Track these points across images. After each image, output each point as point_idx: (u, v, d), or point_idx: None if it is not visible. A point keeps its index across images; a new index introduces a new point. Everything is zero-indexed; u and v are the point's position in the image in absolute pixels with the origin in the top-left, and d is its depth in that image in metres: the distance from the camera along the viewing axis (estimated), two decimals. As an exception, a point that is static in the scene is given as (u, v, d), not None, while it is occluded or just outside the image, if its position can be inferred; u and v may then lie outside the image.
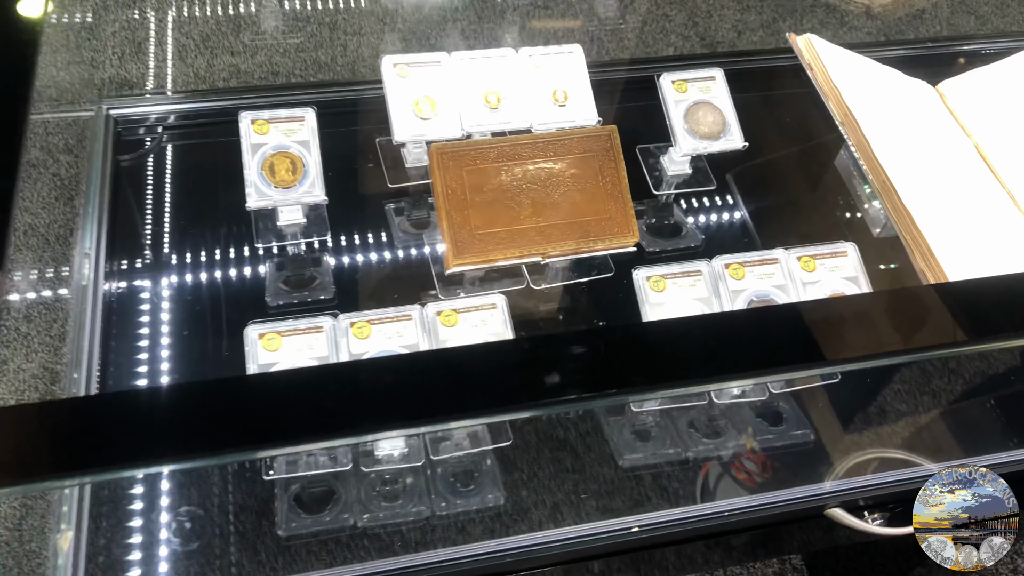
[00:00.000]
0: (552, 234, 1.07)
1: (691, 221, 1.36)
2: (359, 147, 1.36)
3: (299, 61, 2.84)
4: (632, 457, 1.16)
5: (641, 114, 1.45)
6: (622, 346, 0.69)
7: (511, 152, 1.09)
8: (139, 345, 1.09)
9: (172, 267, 1.18)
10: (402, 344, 0.96)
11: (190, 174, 1.27)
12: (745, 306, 1.03)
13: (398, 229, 1.30)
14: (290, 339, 0.94)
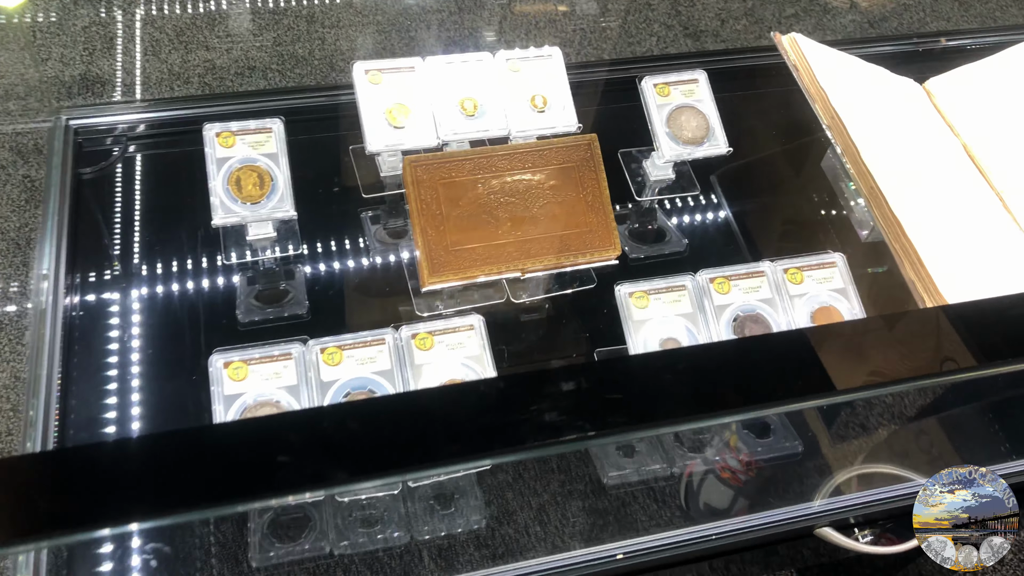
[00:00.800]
0: (531, 249, 1.04)
1: (675, 226, 1.32)
2: (332, 155, 1.32)
3: (276, 55, 2.78)
4: (617, 474, 1.13)
5: (623, 116, 1.41)
6: (601, 385, 0.66)
7: (488, 164, 1.05)
8: (102, 374, 1.04)
9: (137, 285, 1.14)
10: (375, 370, 0.92)
11: (156, 186, 1.23)
12: (731, 322, 1.00)
13: (374, 239, 1.26)
14: (257, 367, 0.90)
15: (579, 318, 1.19)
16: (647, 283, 1.01)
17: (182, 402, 1.02)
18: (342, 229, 1.26)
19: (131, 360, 1.06)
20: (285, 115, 1.28)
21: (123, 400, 1.01)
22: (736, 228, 1.32)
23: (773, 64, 1.42)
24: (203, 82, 2.69)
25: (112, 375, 1.05)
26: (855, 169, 1.13)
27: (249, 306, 1.17)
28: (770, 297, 1.02)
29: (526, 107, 1.19)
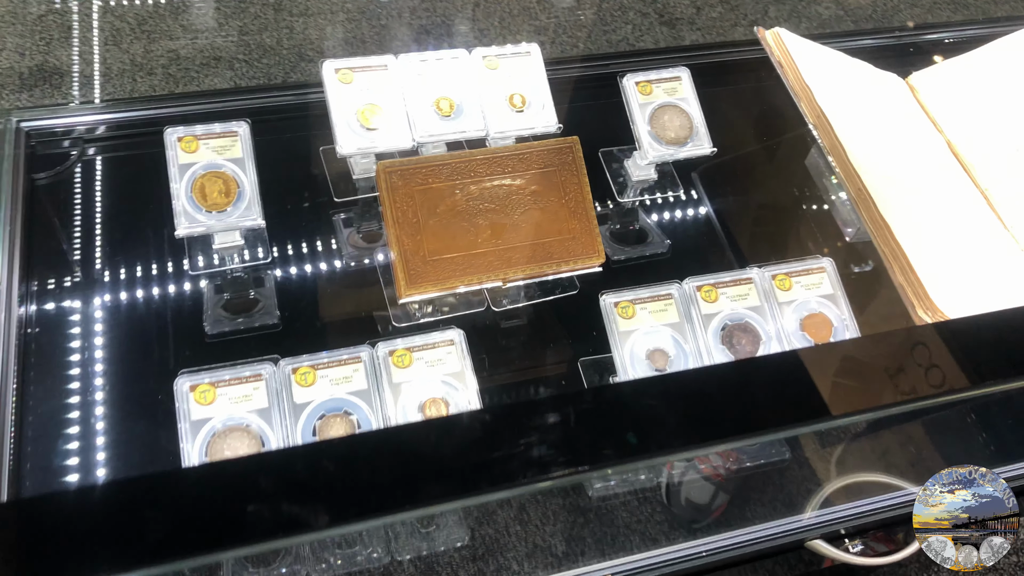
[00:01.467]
0: (512, 257, 0.99)
1: (657, 227, 1.29)
2: (301, 157, 1.27)
3: (242, 45, 2.71)
4: (602, 486, 1.10)
5: (602, 113, 1.37)
6: (589, 416, 0.62)
7: (466, 169, 1.00)
8: (60, 393, 0.99)
9: (97, 296, 1.08)
10: (351, 391, 0.87)
11: (116, 191, 1.17)
12: (719, 332, 0.97)
13: (347, 244, 1.21)
14: (226, 390, 0.86)
15: (561, 325, 1.15)
16: (632, 292, 0.97)
17: (147, 426, 0.97)
18: (313, 234, 1.21)
19: (91, 378, 1.00)
20: (251, 115, 1.22)
21: (84, 424, 0.96)
22: (720, 229, 1.28)
23: (756, 58, 1.39)
24: (167, 73, 2.61)
25: (71, 395, 0.99)
26: (842, 170, 1.10)
27: (217, 317, 1.12)
28: (758, 305, 0.99)
29: (504, 107, 1.15)
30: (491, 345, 1.12)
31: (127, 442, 0.95)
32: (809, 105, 1.15)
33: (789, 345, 0.98)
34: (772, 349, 0.97)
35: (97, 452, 0.93)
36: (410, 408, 0.88)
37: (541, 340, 1.14)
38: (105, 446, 0.94)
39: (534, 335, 1.14)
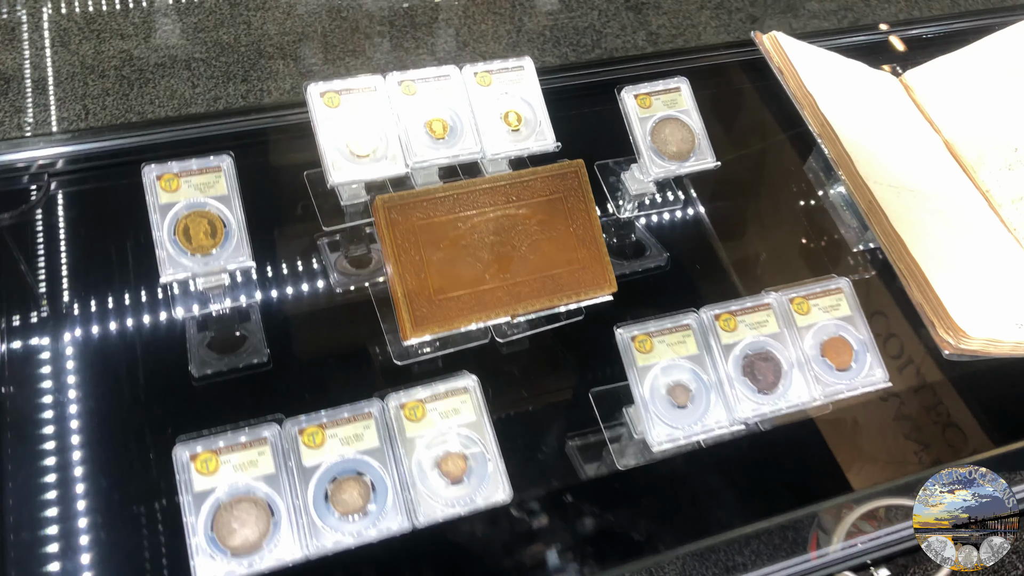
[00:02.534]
0: (521, 292, 0.95)
1: (656, 240, 1.25)
2: (284, 183, 1.20)
3: (199, 43, 2.59)
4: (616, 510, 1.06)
5: (594, 124, 1.32)
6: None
7: (468, 200, 0.95)
8: (40, 456, 0.92)
9: (72, 344, 1.01)
10: (362, 449, 0.82)
11: (88, 230, 1.09)
12: (741, 362, 0.93)
13: (335, 270, 1.15)
14: (229, 457, 0.80)
15: (569, 353, 1.11)
16: (648, 325, 0.93)
17: (140, 495, 0.90)
18: (300, 264, 1.15)
19: (72, 441, 0.94)
20: (227, 140, 1.16)
21: (68, 498, 0.89)
22: (723, 242, 1.25)
23: (750, 60, 1.35)
24: (120, 75, 2.50)
25: (52, 462, 0.92)
26: (851, 181, 1.07)
27: (202, 358, 1.06)
28: (778, 331, 0.95)
29: (499, 126, 1.09)
30: (497, 378, 1.07)
31: (120, 517, 0.89)
32: (813, 114, 1.11)
33: (811, 372, 0.95)
34: (794, 378, 0.94)
35: (81, 535, 0.87)
36: (426, 465, 0.83)
37: (549, 371, 1.09)
38: (96, 523, 0.88)
39: (541, 365, 1.10)
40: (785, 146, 1.33)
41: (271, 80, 2.57)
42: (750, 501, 0.99)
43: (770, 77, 1.30)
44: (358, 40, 2.62)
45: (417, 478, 0.82)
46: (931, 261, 1.00)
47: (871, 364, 0.96)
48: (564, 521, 0.96)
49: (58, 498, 0.89)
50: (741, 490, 1.00)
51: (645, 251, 1.24)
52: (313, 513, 0.79)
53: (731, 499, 0.99)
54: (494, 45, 2.77)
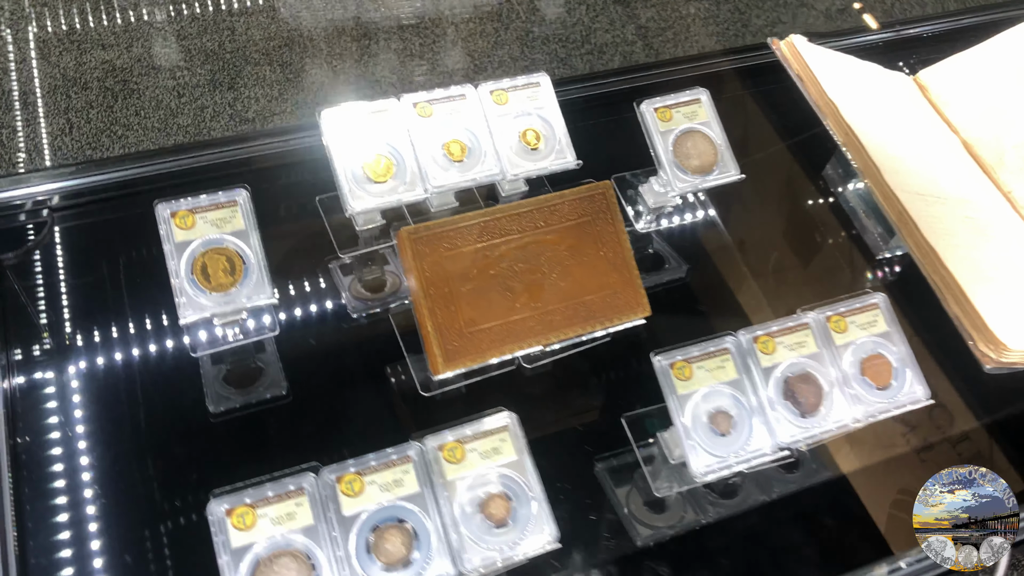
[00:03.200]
0: (553, 321, 0.92)
1: (674, 251, 1.22)
2: (295, 208, 1.16)
3: (182, 51, 2.53)
4: (649, 534, 1.04)
5: (608, 135, 1.29)
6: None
7: (495, 228, 0.92)
8: (57, 512, 0.89)
9: (84, 389, 0.97)
10: (403, 496, 0.79)
11: (96, 266, 1.05)
12: (781, 386, 0.91)
13: (350, 296, 1.12)
14: (266, 510, 0.77)
15: (595, 374, 1.08)
16: (686, 350, 0.91)
17: (170, 551, 0.87)
18: (316, 291, 1.11)
19: (89, 494, 0.90)
20: (234, 167, 1.12)
21: (83, 559, 0.86)
22: (743, 254, 1.23)
23: (765, 64, 1.32)
24: (104, 87, 2.44)
25: (70, 516, 0.89)
26: (879, 192, 1.05)
27: (218, 394, 1.03)
28: (817, 352, 0.93)
29: (518, 145, 1.06)
30: (525, 404, 1.05)
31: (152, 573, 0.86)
32: (836, 122, 1.09)
33: (852, 393, 0.93)
34: (835, 399, 0.92)
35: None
36: (469, 508, 0.81)
37: (577, 395, 1.07)
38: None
39: (569, 390, 1.07)
40: (802, 151, 1.31)
41: (258, 87, 2.52)
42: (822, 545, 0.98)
43: (783, 80, 1.28)
44: (344, 43, 2.57)
45: (460, 522, 0.80)
46: (966, 272, 0.99)
47: (911, 381, 0.94)
48: (606, 554, 0.94)
49: (75, 557, 0.86)
50: (805, 528, 0.98)
51: (664, 264, 1.22)
52: (356, 565, 0.77)
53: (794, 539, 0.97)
54: (481, 42, 2.73)
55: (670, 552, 0.99)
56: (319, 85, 2.52)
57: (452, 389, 1.01)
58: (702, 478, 0.87)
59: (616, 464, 1.02)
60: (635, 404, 1.03)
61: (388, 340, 1.07)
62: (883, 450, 1.03)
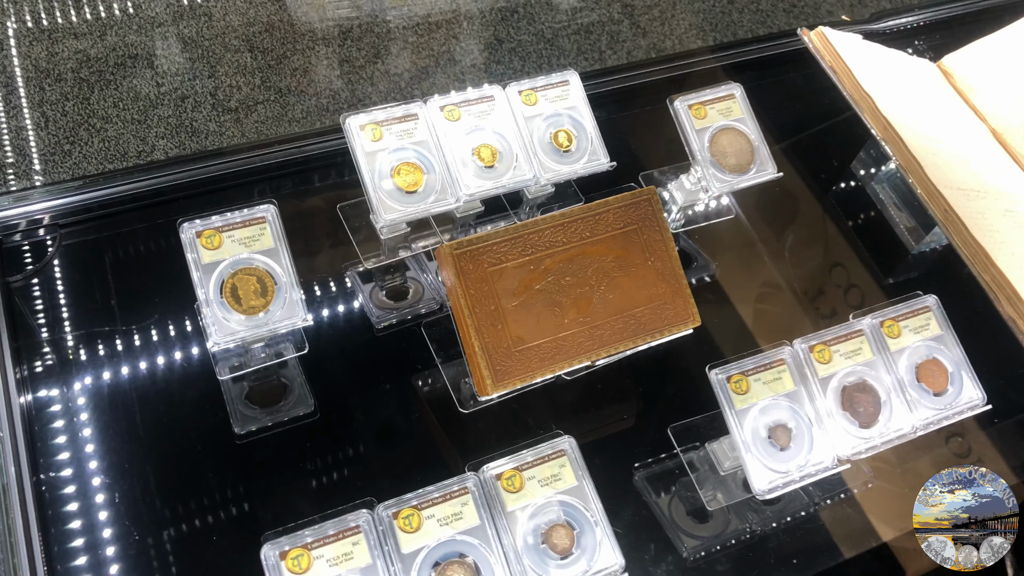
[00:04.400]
0: (603, 335, 0.88)
1: (701, 249, 1.19)
2: (312, 214, 1.11)
3: (159, 39, 2.44)
4: (695, 544, 1.01)
5: (631, 129, 1.25)
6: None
7: (539, 240, 0.88)
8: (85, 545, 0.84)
9: (102, 418, 0.92)
10: (464, 529, 0.76)
11: (108, 284, 1.00)
12: (839, 396, 0.88)
13: (372, 304, 1.07)
14: (322, 551, 0.73)
15: (637, 384, 1.05)
16: (743, 363, 0.88)
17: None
18: (336, 300, 1.07)
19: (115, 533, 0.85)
20: (248, 175, 1.07)
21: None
22: (766, 253, 1.19)
23: (792, 51, 1.28)
24: (79, 78, 2.35)
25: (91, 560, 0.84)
26: (923, 189, 1.02)
27: (244, 415, 0.98)
28: (872, 359, 0.91)
29: (550, 147, 1.02)
30: (565, 413, 1.02)
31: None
32: (873, 116, 1.06)
33: (909, 400, 0.90)
34: (894, 407, 0.90)
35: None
36: (531, 539, 0.77)
37: (619, 404, 1.03)
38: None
39: (610, 399, 1.04)
40: (830, 142, 1.28)
41: (240, 75, 2.44)
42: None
43: (807, 68, 1.24)
44: (327, 27, 2.49)
45: (524, 555, 0.76)
46: (1016, 270, 0.97)
47: (967, 385, 0.92)
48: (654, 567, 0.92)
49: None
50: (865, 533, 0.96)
51: (693, 262, 1.19)
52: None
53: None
54: (467, 25, 2.66)
55: (716, 561, 0.96)
56: (302, 71, 2.44)
57: (491, 403, 0.98)
58: (764, 495, 0.84)
59: (659, 474, 0.99)
60: (677, 412, 1.01)
61: (416, 351, 1.03)
62: (931, 456, 1.01)
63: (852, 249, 1.20)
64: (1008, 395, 1.04)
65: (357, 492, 0.92)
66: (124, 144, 2.27)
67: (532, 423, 0.99)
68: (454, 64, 2.47)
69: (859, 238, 1.22)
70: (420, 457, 0.96)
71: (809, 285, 1.17)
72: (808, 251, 1.20)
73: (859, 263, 1.18)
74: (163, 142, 2.29)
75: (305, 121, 2.38)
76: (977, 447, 1.03)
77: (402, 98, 2.15)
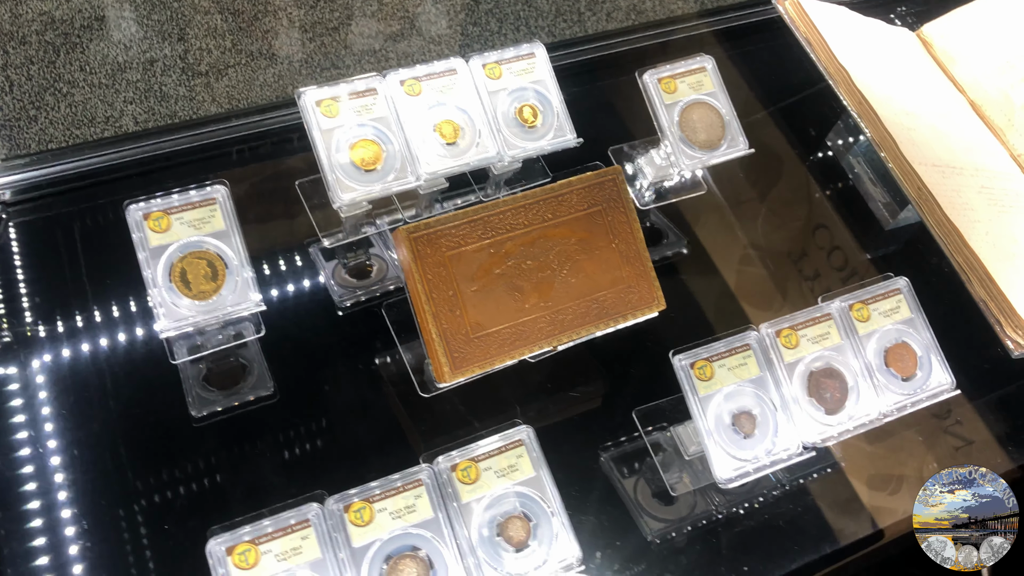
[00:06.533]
0: (564, 320, 0.86)
1: (674, 225, 1.17)
2: (271, 194, 1.08)
3: (128, 0, 2.37)
4: (660, 527, 1.00)
5: (599, 102, 1.22)
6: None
7: (500, 223, 0.85)
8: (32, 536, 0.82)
9: (56, 409, 0.90)
10: (417, 522, 0.74)
11: (55, 266, 0.96)
12: (806, 381, 0.87)
13: (335, 282, 1.05)
14: (270, 545, 0.71)
15: (605, 366, 1.03)
16: (708, 348, 0.86)
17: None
18: (297, 279, 1.04)
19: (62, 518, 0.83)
20: (202, 151, 1.03)
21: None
22: (739, 225, 1.17)
23: (768, 20, 1.25)
24: (43, 41, 2.29)
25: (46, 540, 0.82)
26: (896, 166, 1.00)
27: (201, 397, 0.96)
28: (840, 343, 0.89)
29: (515, 123, 0.99)
30: (528, 396, 1.00)
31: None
32: (848, 91, 1.03)
33: (876, 385, 0.89)
34: (861, 392, 0.88)
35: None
36: (487, 532, 0.76)
37: (586, 386, 1.02)
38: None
39: (577, 381, 1.02)
40: (805, 114, 1.25)
41: (210, 38, 2.38)
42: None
43: (782, 37, 1.21)
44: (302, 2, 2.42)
45: (478, 547, 0.75)
46: (988, 251, 0.95)
47: (936, 370, 0.90)
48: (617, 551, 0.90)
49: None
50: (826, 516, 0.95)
51: (663, 239, 1.17)
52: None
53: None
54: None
55: (681, 544, 0.95)
56: (274, 34, 2.37)
57: (452, 387, 0.95)
58: (727, 484, 0.83)
59: (624, 458, 0.98)
60: (643, 394, 0.99)
61: (379, 332, 1.00)
62: (899, 440, 1.00)
63: (826, 226, 1.17)
64: (978, 378, 1.02)
65: (313, 478, 0.90)
66: (92, 109, 2.21)
67: (495, 407, 0.97)
68: (430, 25, 2.42)
69: (834, 214, 1.20)
70: (380, 442, 0.94)
71: (781, 263, 1.15)
72: (781, 228, 1.18)
73: (833, 241, 1.16)
74: (132, 107, 2.24)
75: (277, 86, 2.32)
76: (946, 429, 1.02)
77: (376, 62, 2.09)
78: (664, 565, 0.93)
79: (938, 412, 1.01)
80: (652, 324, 0.98)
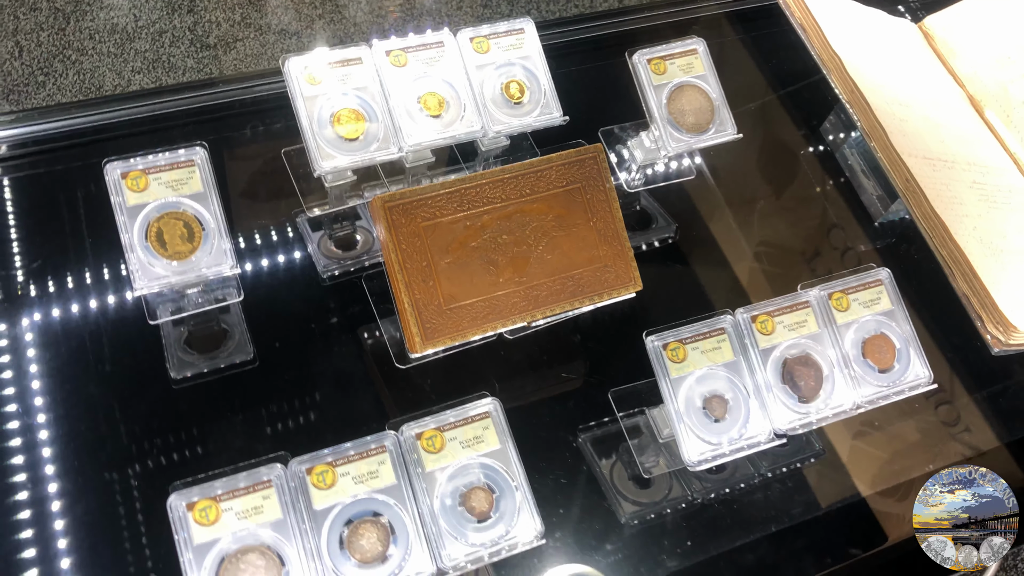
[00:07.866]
0: (539, 296, 0.86)
1: (663, 209, 1.16)
2: (258, 161, 1.08)
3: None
4: (634, 509, 1.00)
5: (589, 84, 1.21)
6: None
7: (478, 195, 0.85)
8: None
9: (35, 367, 0.90)
10: (379, 488, 0.74)
11: (37, 224, 0.97)
12: (780, 368, 0.86)
13: (320, 252, 1.05)
14: (231, 503, 0.71)
15: (580, 344, 1.03)
16: (682, 331, 0.86)
17: (133, 549, 0.81)
18: (282, 248, 1.04)
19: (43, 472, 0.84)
20: (188, 115, 1.03)
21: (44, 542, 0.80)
22: (732, 214, 1.16)
23: (764, 6, 1.24)
24: (53, 8, 2.31)
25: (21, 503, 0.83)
26: (885, 156, 0.99)
27: (181, 360, 0.96)
28: (817, 332, 0.88)
29: (501, 98, 0.98)
30: (506, 373, 1.00)
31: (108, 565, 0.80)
32: (840, 78, 1.02)
33: (852, 376, 0.88)
34: (836, 381, 0.88)
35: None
36: (449, 501, 0.76)
37: (564, 365, 1.01)
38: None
39: (555, 359, 1.02)
40: (799, 103, 1.24)
41: (219, 10, 2.38)
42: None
43: (778, 24, 1.20)
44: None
45: (440, 516, 0.75)
46: (975, 246, 0.94)
47: (914, 363, 0.89)
48: (592, 541, 0.90)
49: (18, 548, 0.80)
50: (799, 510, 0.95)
51: (652, 223, 1.16)
52: (328, 561, 0.72)
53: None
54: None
55: (655, 528, 0.95)
56: (283, 9, 2.38)
57: (429, 359, 0.96)
58: (695, 467, 0.82)
59: (600, 439, 0.98)
60: (620, 375, 0.99)
61: (360, 303, 1.00)
62: (877, 430, 0.99)
63: (818, 218, 1.17)
64: (959, 374, 1.02)
65: (284, 443, 0.90)
66: (99, 77, 2.22)
67: (472, 383, 0.97)
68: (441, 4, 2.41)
69: (827, 206, 1.19)
70: (353, 411, 0.94)
71: (770, 252, 1.14)
72: (772, 217, 1.17)
73: (823, 232, 1.15)
74: (139, 76, 2.24)
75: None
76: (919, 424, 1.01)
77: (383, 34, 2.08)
78: (633, 545, 0.93)
79: (908, 408, 1.01)
80: (637, 307, 0.98)
